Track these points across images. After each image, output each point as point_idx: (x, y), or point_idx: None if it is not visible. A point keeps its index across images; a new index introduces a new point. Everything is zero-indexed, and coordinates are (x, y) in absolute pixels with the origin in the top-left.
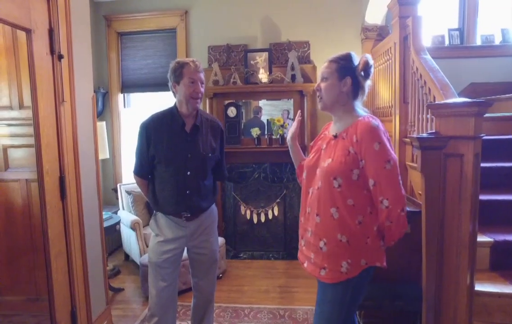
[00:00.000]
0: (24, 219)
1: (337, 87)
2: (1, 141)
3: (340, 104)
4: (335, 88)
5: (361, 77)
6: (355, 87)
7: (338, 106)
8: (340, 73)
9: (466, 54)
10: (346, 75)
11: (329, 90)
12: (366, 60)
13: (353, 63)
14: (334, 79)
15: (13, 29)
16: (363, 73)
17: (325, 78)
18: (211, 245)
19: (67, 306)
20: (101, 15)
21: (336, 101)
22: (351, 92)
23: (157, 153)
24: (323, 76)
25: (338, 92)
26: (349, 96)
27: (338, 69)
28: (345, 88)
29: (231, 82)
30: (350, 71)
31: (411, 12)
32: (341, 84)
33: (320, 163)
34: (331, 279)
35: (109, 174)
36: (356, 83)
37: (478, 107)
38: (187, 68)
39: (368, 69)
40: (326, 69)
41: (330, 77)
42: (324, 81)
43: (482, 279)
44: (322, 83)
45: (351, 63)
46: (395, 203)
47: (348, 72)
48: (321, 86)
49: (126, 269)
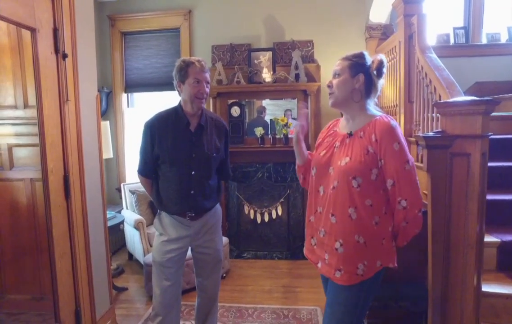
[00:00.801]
0: (28, 218)
1: (350, 83)
2: (6, 140)
3: (353, 101)
4: (348, 84)
5: (374, 75)
6: (368, 85)
7: (350, 103)
8: (353, 70)
9: (471, 53)
10: (359, 72)
11: (341, 86)
12: (381, 59)
13: (366, 61)
14: (347, 75)
15: (18, 29)
16: (376, 72)
17: (337, 75)
18: (215, 244)
19: (71, 305)
20: (105, 15)
21: (349, 98)
22: (364, 89)
23: (161, 153)
24: (336, 72)
25: (351, 89)
26: (362, 93)
27: (351, 66)
28: (357, 84)
29: (235, 81)
30: (363, 68)
31: (416, 10)
32: (354, 80)
33: (335, 162)
34: (347, 281)
35: (113, 174)
36: (369, 80)
37: (485, 105)
38: (192, 67)
39: (381, 68)
40: (338, 66)
41: (343, 74)
42: (336, 77)
43: (489, 279)
44: (334, 79)
45: (364, 61)
46: (413, 204)
47: (361, 69)
48: (333, 83)
49: (130, 268)
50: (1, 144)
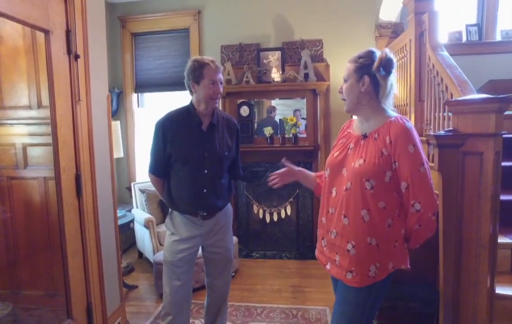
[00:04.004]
0: (42, 216)
1: (356, 87)
2: (21, 140)
3: (362, 105)
4: (354, 89)
5: (379, 74)
6: (375, 86)
7: (359, 107)
8: (358, 73)
9: (484, 50)
10: (363, 74)
11: (349, 92)
12: (382, 56)
13: (372, 61)
14: (353, 80)
15: (32, 31)
16: (382, 69)
17: (345, 80)
18: (226, 243)
19: (83, 302)
20: (116, 16)
21: (358, 103)
22: (372, 91)
23: (173, 152)
24: (344, 78)
25: (358, 93)
26: (370, 95)
27: (356, 70)
28: (363, 88)
29: (244, 81)
30: (367, 69)
31: (427, 8)
32: (359, 84)
33: (349, 163)
34: (359, 283)
35: (123, 173)
36: (375, 81)
37: (499, 103)
38: (207, 69)
39: (386, 65)
40: (346, 71)
41: (350, 78)
42: (345, 83)
43: (503, 281)
44: (344, 85)
45: (369, 61)
46: (427, 207)
47: (366, 71)
48: (343, 88)
49: (140, 266)
50: (16, 143)
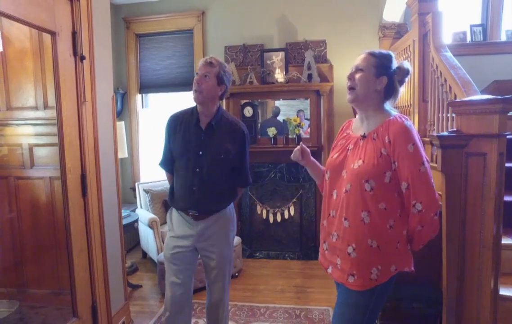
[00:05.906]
0: (48, 216)
1: (373, 83)
2: (27, 140)
3: (371, 100)
4: (370, 83)
5: (396, 82)
6: (388, 89)
7: (368, 103)
8: (378, 70)
9: (489, 51)
10: (383, 74)
11: (364, 83)
12: (408, 69)
13: (392, 65)
14: (371, 74)
15: (39, 33)
16: (400, 80)
17: (360, 70)
18: (220, 251)
19: (88, 300)
20: (121, 18)
21: (369, 97)
22: (384, 92)
23: (174, 147)
24: (359, 67)
25: (373, 89)
26: (381, 96)
27: (377, 65)
28: (379, 86)
29: (248, 82)
30: (388, 71)
31: (431, 8)
32: (377, 81)
33: (348, 164)
34: (360, 286)
35: (128, 173)
36: (391, 85)
37: (503, 103)
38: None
39: (405, 77)
40: (363, 61)
41: (367, 71)
42: (359, 72)
43: (507, 283)
44: (357, 74)
45: (390, 63)
46: (429, 207)
47: (386, 72)
48: (355, 76)
49: (144, 266)
50: (23, 143)
